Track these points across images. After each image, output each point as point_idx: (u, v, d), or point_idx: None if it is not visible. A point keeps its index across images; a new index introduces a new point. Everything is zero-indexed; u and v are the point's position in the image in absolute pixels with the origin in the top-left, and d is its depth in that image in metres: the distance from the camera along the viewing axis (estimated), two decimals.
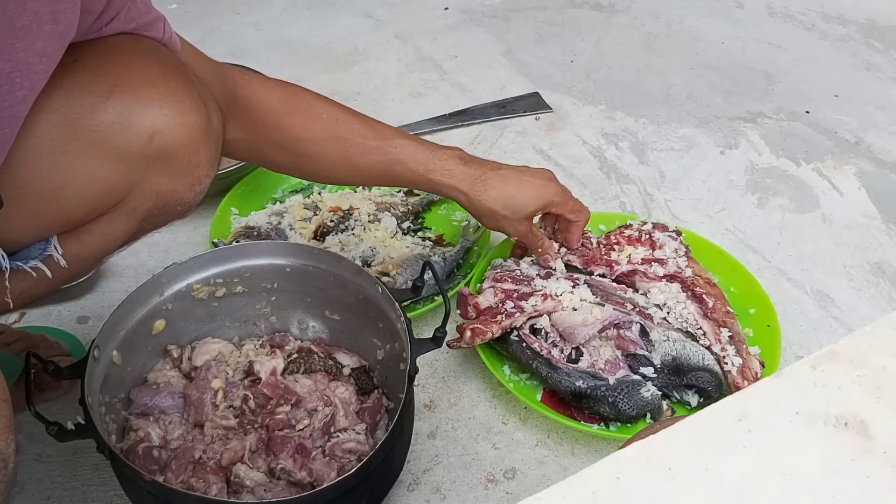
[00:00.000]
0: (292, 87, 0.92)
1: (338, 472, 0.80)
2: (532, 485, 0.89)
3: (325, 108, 0.91)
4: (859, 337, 0.49)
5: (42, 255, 0.70)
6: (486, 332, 0.93)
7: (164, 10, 0.86)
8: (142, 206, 0.73)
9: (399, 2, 1.82)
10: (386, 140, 0.91)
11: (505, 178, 0.94)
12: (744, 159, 1.37)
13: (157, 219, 0.76)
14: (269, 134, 0.90)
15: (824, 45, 1.68)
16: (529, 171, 0.97)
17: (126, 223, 0.73)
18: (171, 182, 0.72)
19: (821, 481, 0.42)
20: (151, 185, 0.71)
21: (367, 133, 0.91)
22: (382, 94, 1.52)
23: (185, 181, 0.73)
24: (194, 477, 0.79)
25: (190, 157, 0.72)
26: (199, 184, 0.75)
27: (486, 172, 0.94)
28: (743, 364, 0.93)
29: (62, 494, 0.87)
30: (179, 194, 0.74)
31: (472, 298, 0.99)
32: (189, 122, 0.70)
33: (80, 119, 0.66)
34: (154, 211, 0.74)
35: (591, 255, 1.06)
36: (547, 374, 0.92)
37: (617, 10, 1.81)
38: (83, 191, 0.68)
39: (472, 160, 0.95)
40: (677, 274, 1.03)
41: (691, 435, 0.44)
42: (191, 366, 0.89)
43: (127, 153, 0.68)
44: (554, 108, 1.48)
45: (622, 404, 0.89)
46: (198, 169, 0.73)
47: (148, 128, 0.68)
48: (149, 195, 0.72)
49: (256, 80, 0.92)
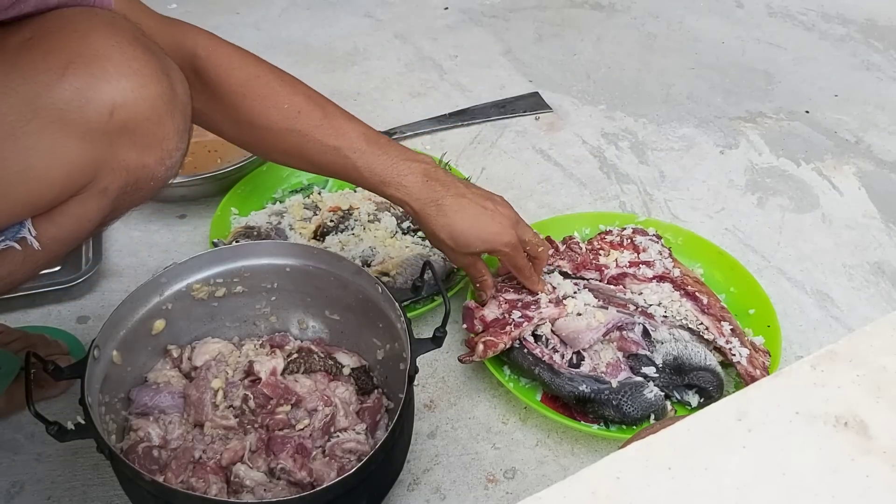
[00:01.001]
0: (258, 66, 0.88)
1: (338, 472, 0.80)
2: (532, 485, 0.89)
3: (287, 98, 0.87)
4: (859, 337, 0.49)
5: (15, 237, 0.68)
6: (498, 344, 0.92)
7: (164, 10, 0.86)
8: (113, 184, 0.70)
9: (399, 2, 1.82)
10: (345, 142, 0.87)
11: (461, 209, 0.90)
12: (744, 159, 1.37)
13: (132, 196, 0.73)
14: (224, 111, 0.87)
15: (824, 45, 1.68)
16: (493, 208, 0.92)
17: (99, 202, 0.71)
18: (140, 157, 0.70)
19: (821, 481, 0.42)
20: (119, 161, 0.69)
21: (326, 131, 0.87)
22: (382, 94, 1.52)
23: (154, 155, 0.71)
24: (194, 477, 0.79)
25: (155, 129, 0.70)
26: (170, 157, 0.72)
27: (445, 197, 0.89)
28: (750, 354, 0.93)
29: (62, 494, 0.87)
30: (150, 169, 0.71)
31: (478, 311, 0.98)
32: (150, 95, 0.68)
33: (37, 98, 0.64)
34: (126, 188, 0.71)
35: (582, 259, 1.07)
36: (550, 379, 0.91)
37: (617, 9, 1.81)
38: (49, 171, 0.66)
39: (437, 178, 0.90)
40: (666, 274, 1.04)
41: (691, 435, 0.44)
42: (191, 366, 0.89)
43: (89, 130, 0.66)
44: (554, 108, 1.48)
45: (626, 407, 0.89)
46: (166, 141, 0.71)
47: (107, 102, 0.66)
48: (119, 172, 0.70)
49: (220, 51, 0.87)
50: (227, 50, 0.88)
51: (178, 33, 0.84)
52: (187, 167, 1.29)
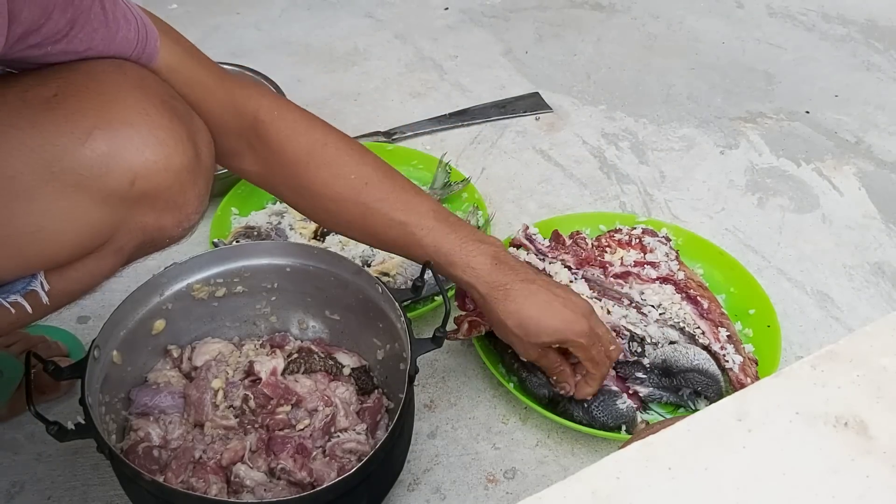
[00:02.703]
0: (325, 131, 0.83)
1: (338, 472, 0.80)
2: (532, 485, 0.89)
3: (355, 168, 0.82)
4: (859, 337, 0.49)
5: (25, 290, 0.67)
6: (482, 325, 0.93)
7: (164, 10, 0.86)
8: (129, 244, 0.70)
9: (399, 2, 1.82)
10: (414, 218, 0.82)
11: (531, 296, 0.82)
12: (744, 159, 1.37)
13: (146, 251, 0.73)
14: (286, 177, 0.83)
15: (824, 45, 1.68)
16: (564, 296, 0.84)
17: (114, 260, 0.71)
18: (158, 219, 0.69)
19: (821, 481, 0.42)
20: (137, 223, 0.69)
21: (395, 205, 0.82)
22: (382, 94, 1.52)
23: (173, 218, 0.70)
24: (194, 477, 0.79)
25: (176, 197, 0.69)
26: (188, 220, 0.72)
27: (514, 283, 0.83)
28: (743, 362, 0.93)
29: (62, 494, 0.87)
30: (167, 230, 0.71)
31: None
32: (174, 166, 0.67)
33: (57, 161, 0.63)
34: (142, 246, 0.72)
35: (586, 255, 1.07)
36: (525, 376, 0.92)
37: (617, 10, 1.81)
38: (63, 233, 0.65)
39: (506, 262, 0.84)
40: (670, 276, 1.04)
41: (691, 435, 0.44)
42: (191, 366, 0.89)
43: (108, 197, 0.65)
44: (554, 108, 1.48)
45: (597, 412, 0.90)
46: (186, 206, 0.70)
47: (128, 172, 0.65)
48: (135, 233, 0.69)
49: (286, 116, 0.82)
50: (293, 115, 0.83)
51: (241, 95, 0.80)
52: None
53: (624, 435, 0.90)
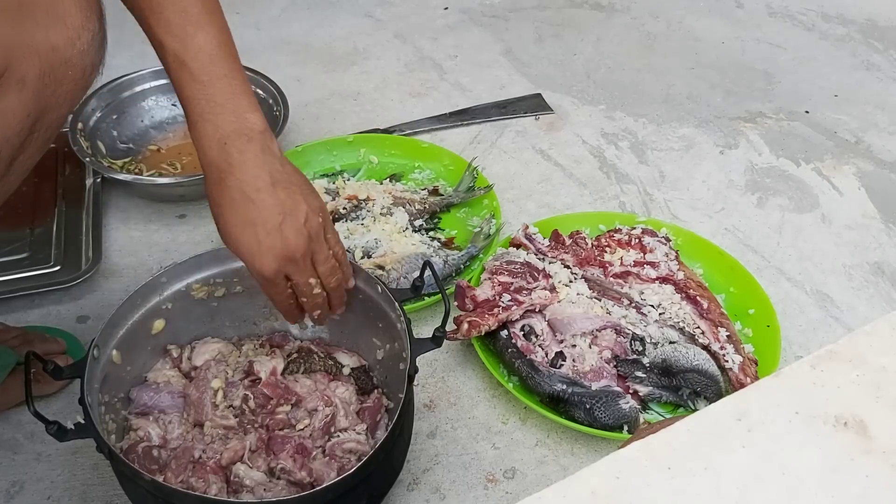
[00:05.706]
0: None
1: (338, 471, 0.80)
2: (532, 485, 0.89)
3: None
4: (859, 337, 0.49)
5: None
6: (482, 325, 0.93)
7: None
8: (29, 72, 0.66)
9: (399, 2, 1.82)
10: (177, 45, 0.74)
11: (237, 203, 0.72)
12: (743, 159, 1.37)
13: (54, 90, 0.69)
14: None
15: (824, 45, 1.68)
16: (272, 222, 0.73)
17: (20, 94, 0.67)
18: (47, 36, 0.66)
19: (821, 481, 0.42)
20: (27, 44, 0.65)
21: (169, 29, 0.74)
22: (382, 94, 1.52)
23: (60, 35, 0.67)
24: (194, 476, 0.79)
25: (55, 6, 0.66)
26: (79, 37, 0.68)
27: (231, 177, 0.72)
28: (743, 362, 0.93)
29: (62, 494, 0.87)
30: (61, 52, 0.67)
31: (469, 290, 1.00)
32: None
33: None
34: (44, 78, 0.68)
35: (586, 255, 1.07)
36: (527, 374, 0.93)
37: (617, 9, 1.81)
38: None
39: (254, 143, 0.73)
40: (669, 276, 1.04)
41: (691, 435, 0.44)
42: (191, 365, 0.89)
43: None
44: (554, 108, 1.48)
45: (598, 412, 0.89)
46: (67, 17, 0.67)
47: None
48: (30, 57, 0.66)
49: None
50: None
51: None
52: (186, 167, 1.29)
53: (624, 434, 0.90)
